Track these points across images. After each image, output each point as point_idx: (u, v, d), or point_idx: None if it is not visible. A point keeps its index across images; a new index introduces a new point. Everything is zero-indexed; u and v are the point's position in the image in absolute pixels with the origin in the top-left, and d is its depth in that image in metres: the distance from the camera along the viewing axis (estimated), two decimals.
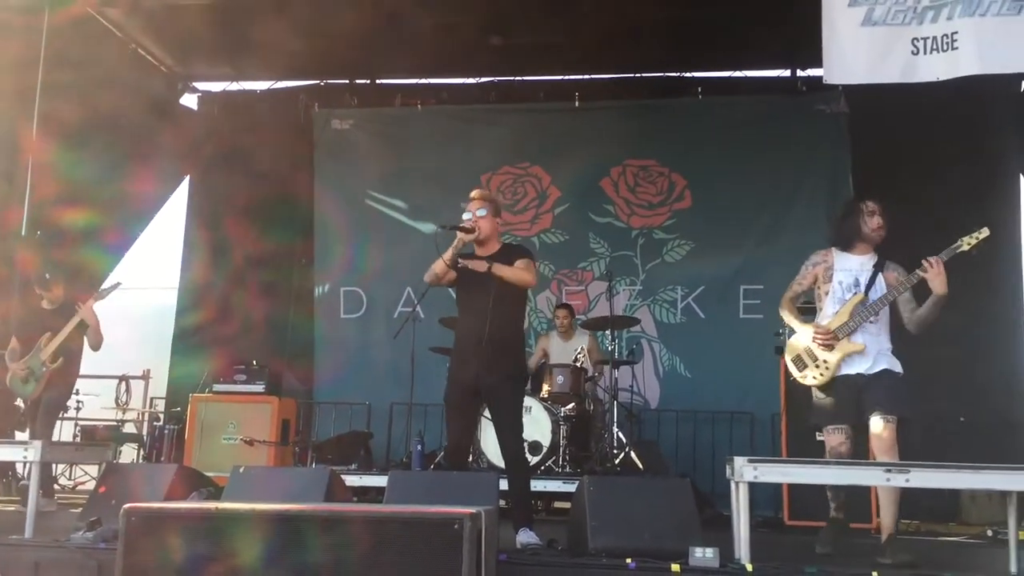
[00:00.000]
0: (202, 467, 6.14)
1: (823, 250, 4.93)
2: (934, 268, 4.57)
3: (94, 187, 8.25)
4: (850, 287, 4.75)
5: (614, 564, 3.86)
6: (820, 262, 4.89)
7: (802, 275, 4.96)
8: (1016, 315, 8.04)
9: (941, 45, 4.84)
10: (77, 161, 7.93)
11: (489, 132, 9.26)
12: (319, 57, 8.99)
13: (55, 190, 7.78)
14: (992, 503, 6.85)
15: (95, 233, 8.49)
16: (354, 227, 9.26)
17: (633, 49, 8.63)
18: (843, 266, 4.81)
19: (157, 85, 9.29)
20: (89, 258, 8.50)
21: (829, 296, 4.80)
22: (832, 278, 4.80)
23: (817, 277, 4.88)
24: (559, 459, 6.75)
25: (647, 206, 8.87)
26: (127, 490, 4.75)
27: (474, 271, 4.71)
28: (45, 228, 7.72)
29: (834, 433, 4.75)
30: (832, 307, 4.76)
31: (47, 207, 7.72)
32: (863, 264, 4.81)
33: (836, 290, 4.77)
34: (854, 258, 4.83)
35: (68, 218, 8.08)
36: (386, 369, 8.60)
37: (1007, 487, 4.22)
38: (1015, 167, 8.14)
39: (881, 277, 4.74)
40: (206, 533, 3.33)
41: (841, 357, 4.68)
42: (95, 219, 8.40)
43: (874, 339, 4.68)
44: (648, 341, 8.62)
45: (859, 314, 4.65)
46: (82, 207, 8.20)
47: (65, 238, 8.08)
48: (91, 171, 8.15)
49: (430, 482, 4.87)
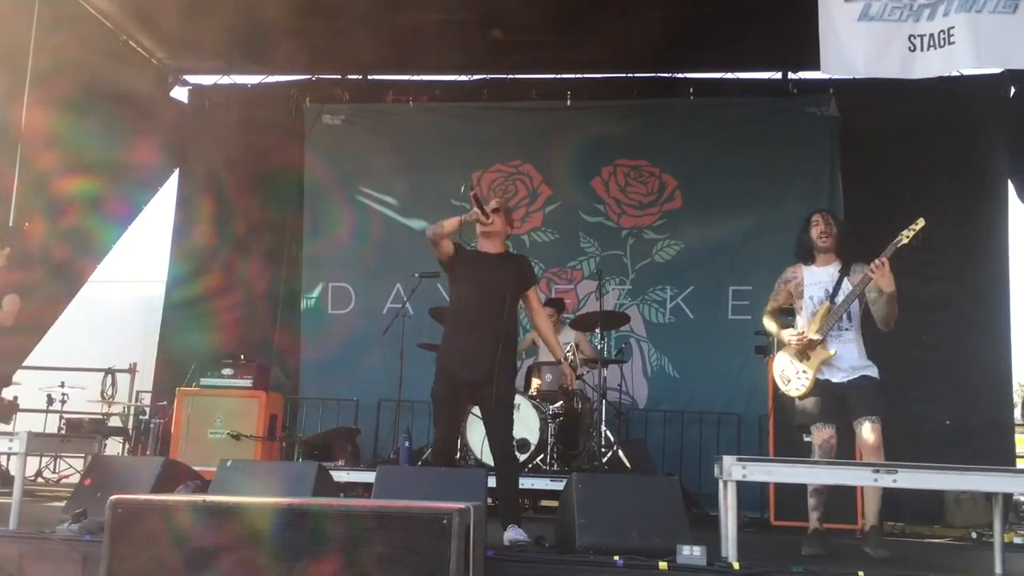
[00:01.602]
0: (188, 461, 6.09)
1: (792, 267, 5.18)
2: (880, 268, 4.71)
3: (80, 182, 8.20)
4: (820, 299, 4.97)
5: (602, 561, 3.86)
6: (791, 278, 5.15)
7: (776, 291, 5.23)
8: (1003, 319, 8.07)
9: (938, 41, 4.86)
10: (64, 155, 7.89)
11: (481, 130, 9.25)
12: (311, 52, 8.96)
13: (41, 181, 7.74)
14: (976, 506, 6.89)
15: (80, 233, 8.46)
16: (344, 222, 9.23)
17: (625, 49, 8.62)
18: (812, 280, 5.05)
19: (147, 77, 9.22)
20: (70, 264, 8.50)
21: (803, 310, 5.05)
22: (803, 293, 5.05)
23: (790, 293, 5.14)
24: (547, 457, 6.75)
25: (637, 206, 8.88)
26: (113, 483, 4.72)
27: (480, 269, 4.72)
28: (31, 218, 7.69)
29: (822, 429, 4.91)
30: (804, 321, 5.02)
31: (32, 200, 7.68)
32: (830, 274, 5.01)
33: (808, 304, 5.01)
34: (819, 270, 5.06)
35: (56, 211, 8.06)
36: (374, 365, 8.57)
37: (992, 488, 4.25)
38: (1003, 172, 8.18)
39: (847, 281, 4.93)
40: (193, 526, 3.31)
41: (817, 366, 4.89)
42: (81, 219, 8.37)
43: (848, 346, 4.89)
44: (637, 341, 8.63)
45: (828, 322, 4.87)
46: (68, 205, 8.18)
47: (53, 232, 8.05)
48: (78, 164, 8.11)
49: (418, 478, 4.87)
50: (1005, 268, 8.17)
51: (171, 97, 9.78)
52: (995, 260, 8.17)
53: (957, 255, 8.13)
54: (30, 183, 7.63)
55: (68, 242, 8.37)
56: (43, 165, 7.70)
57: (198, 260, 9.47)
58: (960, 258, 8.12)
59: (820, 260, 5.07)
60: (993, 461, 5.52)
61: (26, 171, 7.54)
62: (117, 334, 10.98)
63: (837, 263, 5.04)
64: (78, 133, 7.95)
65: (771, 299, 5.25)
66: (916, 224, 4.84)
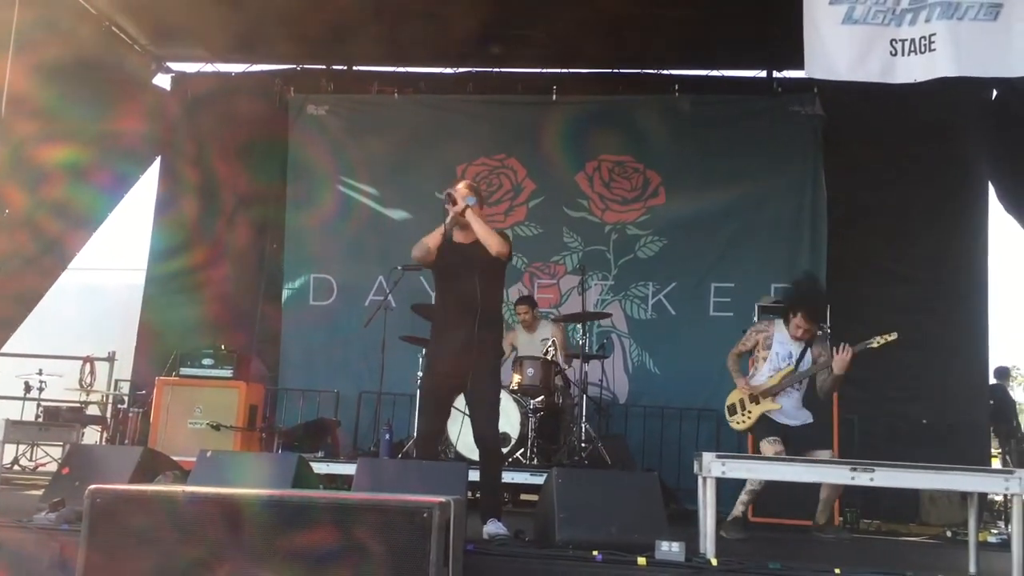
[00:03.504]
0: (167, 451, 6.07)
1: (767, 320, 5.90)
2: (841, 354, 5.37)
3: (61, 169, 8.14)
4: (784, 358, 5.65)
5: (581, 556, 3.87)
6: (763, 330, 5.80)
7: (746, 338, 5.86)
8: (981, 320, 8.14)
9: (919, 47, 4.89)
10: (45, 140, 7.82)
11: (466, 123, 9.22)
12: (296, 41, 8.90)
13: (22, 166, 7.68)
14: (951, 505, 6.97)
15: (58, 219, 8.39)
16: (326, 213, 9.19)
17: (611, 44, 8.63)
18: (781, 339, 5.69)
19: (130, 64, 9.14)
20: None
21: (767, 362, 5.69)
22: (771, 347, 5.69)
23: (759, 343, 5.77)
24: (527, 451, 6.77)
25: (621, 202, 8.89)
26: (91, 472, 4.71)
27: (453, 260, 4.71)
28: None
29: (773, 444, 5.43)
30: (767, 372, 5.66)
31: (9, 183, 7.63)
32: (798, 342, 5.67)
33: (773, 359, 5.67)
34: (789, 334, 5.68)
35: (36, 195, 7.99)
36: (355, 357, 8.55)
37: (968, 488, 4.30)
38: (984, 174, 8.23)
39: (809, 352, 5.63)
40: (172, 516, 3.30)
41: (761, 413, 5.62)
42: (64, 195, 8.31)
43: (791, 399, 5.61)
44: (618, 336, 8.65)
45: (786, 382, 5.58)
46: (47, 191, 8.12)
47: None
48: (59, 151, 8.04)
49: (399, 471, 4.86)
50: (984, 270, 8.23)
51: (154, 84, 9.70)
52: (974, 262, 8.23)
53: (937, 256, 8.19)
54: (11, 167, 7.56)
55: (47, 226, 8.30)
56: (23, 151, 7.63)
57: (179, 248, 9.39)
58: (940, 259, 8.18)
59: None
60: (969, 461, 5.57)
61: (6, 156, 7.46)
62: (96, 322, 10.91)
63: None
64: (59, 120, 7.88)
65: (740, 343, 5.88)
66: (889, 335, 5.36)
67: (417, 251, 4.75)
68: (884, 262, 8.21)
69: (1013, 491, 4.03)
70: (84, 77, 8.10)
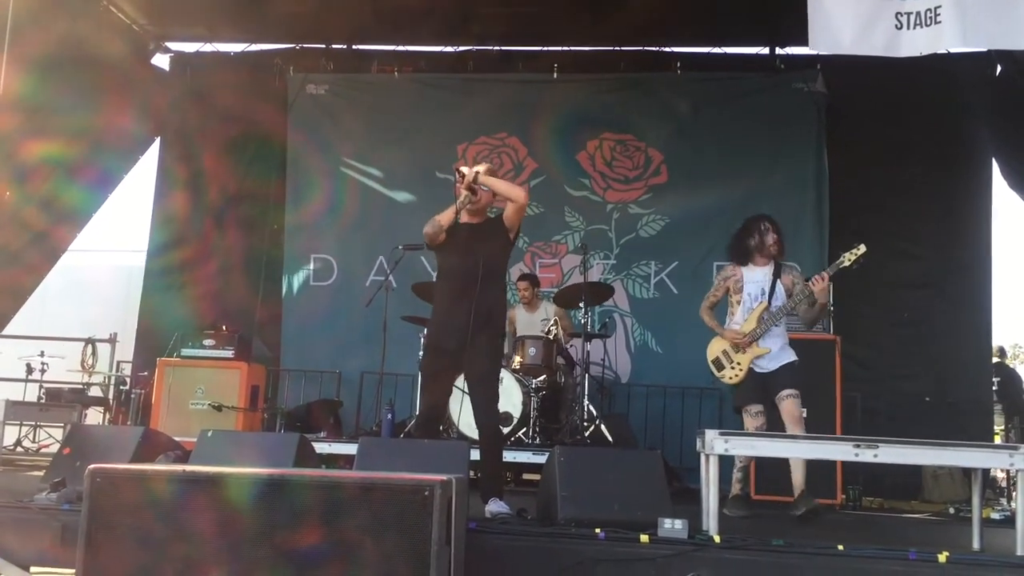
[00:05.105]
0: (169, 432, 6.06)
1: (731, 264, 5.65)
2: (820, 283, 5.24)
3: (60, 146, 8.10)
4: (756, 297, 5.48)
5: (583, 534, 3.87)
6: (730, 275, 5.61)
7: (716, 287, 5.71)
8: (984, 297, 8.11)
9: (924, 20, 4.84)
10: (42, 121, 7.77)
11: (466, 101, 9.17)
12: (295, 20, 8.86)
13: (17, 147, 7.64)
14: (954, 482, 6.97)
15: (58, 201, 8.36)
16: (327, 193, 9.16)
17: (612, 22, 8.55)
18: (750, 278, 5.53)
19: (128, 44, 9.07)
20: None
21: (740, 305, 5.53)
22: (742, 289, 5.53)
23: (729, 288, 5.60)
24: (529, 431, 6.77)
25: (623, 180, 8.85)
26: (92, 452, 4.71)
27: (458, 241, 4.69)
28: None
29: (755, 417, 5.38)
30: (742, 315, 5.50)
31: (5, 166, 7.59)
32: (765, 275, 5.51)
33: (746, 300, 5.51)
34: (758, 271, 5.54)
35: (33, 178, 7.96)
36: (357, 337, 8.53)
37: (971, 464, 4.29)
38: (988, 150, 8.18)
39: (780, 284, 5.47)
40: (173, 495, 3.29)
41: (750, 359, 5.43)
42: (58, 186, 8.27)
43: (776, 339, 5.43)
44: (620, 315, 8.63)
45: (764, 322, 5.40)
46: (45, 173, 8.08)
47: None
48: (57, 131, 8.00)
49: (400, 450, 4.86)
50: (988, 246, 8.20)
51: (152, 64, 9.64)
52: (978, 238, 8.20)
53: (940, 233, 8.17)
54: (5, 148, 7.51)
55: (46, 210, 8.29)
56: (19, 130, 7.58)
57: (179, 229, 9.39)
58: (943, 236, 8.16)
59: (759, 262, 5.54)
60: (972, 437, 5.55)
61: (1, 136, 7.42)
62: (98, 303, 10.91)
63: (771, 264, 5.53)
64: (57, 99, 7.84)
65: (711, 294, 5.71)
66: (858, 249, 5.27)
67: (429, 228, 4.71)
68: (887, 239, 8.16)
69: (1018, 467, 4.01)
70: (82, 64, 8.05)
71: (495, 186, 4.78)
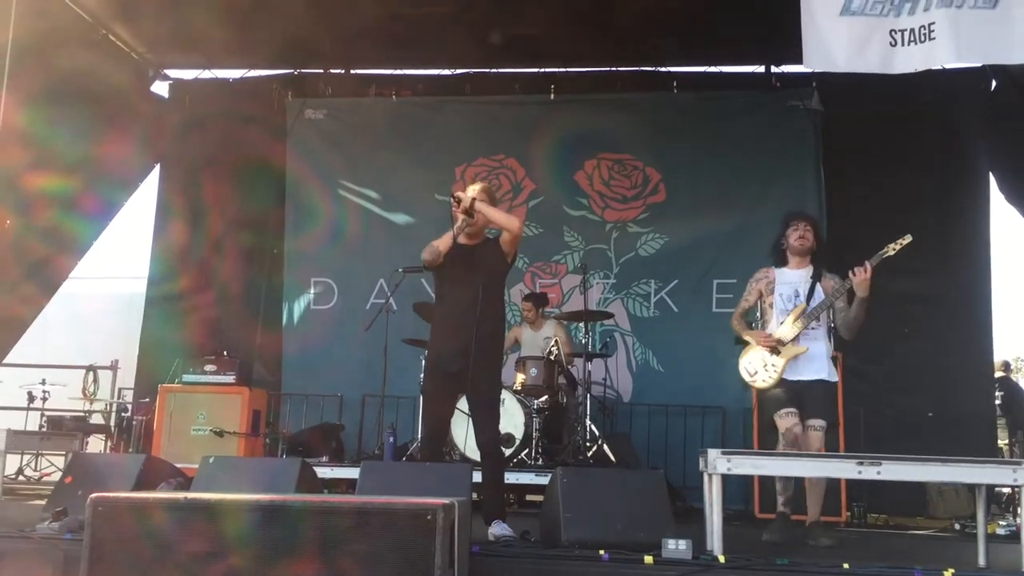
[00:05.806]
0: (171, 458, 6.06)
1: (764, 268, 5.42)
2: (861, 274, 4.98)
3: (60, 177, 8.13)
4: (791, 298, 5.22)
5: (587, 556, 3.85)
6: (762, 278, 5.37)
7: (748, 291, 5.42)
8: (984, 311, 8.11)
9: (918, 36, 4.87)
10: (42, 151, 7.80)
11: (464, 124, 9.21)
12: (293, 46, 8.90)
13: (17, 177, 7.67)
14: (959, 497, 6.95)
15: (58, 230, 8.38)
16: (327, 218, 9.17)
17: (609, 43, 8.62)
18: (783, 280, 5.29)
19: (127, 72, 9.11)
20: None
21: (773, 308, 5.27)
22: (774, 291, 5.28)
23: (761, 292, 5.35)
24: (532, 451, 6.75)
25: (621, 200, 8.87)
26: (94, 480, 4.69)
27: (456, 262, 4.70)
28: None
29: (786, 417, 5.08)
30: (777, 318, 5.23)
31: (7, 196, 7.61)
32: (801, 277, 5.27)
33: (778, 302, 5.25)
34: (792, 272, 5.31)
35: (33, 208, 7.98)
36: (358, 361, 8.52)
37: (975, 480, 4.28)
38: (984, 165, 8.21)
39: (819, 287, 5.19)
40: (174, 524, 3.28)
41: (787, 361, 5.12)
42: (58, 216, 8.30)
43: (816, 344, 5.16)
44: (621, 335, 8.63)
45: (800, 323, 5.12)
46: (45, 202, 8.10)
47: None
48: (57, 161, 8.02)
49: (402, 473, 4.84)
50: (987, 260, 8.20)
51: (151, 92, 9.68)
52: (976, 252, 8.20)
53: (939, 247, 8.15)
54: (5, 179, 7.54)
55: (45, 240, 8.29)
56: (19, 160, 7.60)
57: (179, 256, 9.39)
58: (942, 250, 8.14)
59: (793, 263, 5.32)
60: (975, 452, 5.53)
61: (2, 167, 7.44)
62: (99, 331, 10.91)
63: (810, 268, 5.29)
64: (56, 128, 7.86)
65: (743, 299, 5.45)
66: (904, 239, 5.08)
67: (427, 254, 4.72)
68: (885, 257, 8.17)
69: (1021, 482, 4.00)
70: (81, 93, 8.09)
71: (490, 215, 4.78)
